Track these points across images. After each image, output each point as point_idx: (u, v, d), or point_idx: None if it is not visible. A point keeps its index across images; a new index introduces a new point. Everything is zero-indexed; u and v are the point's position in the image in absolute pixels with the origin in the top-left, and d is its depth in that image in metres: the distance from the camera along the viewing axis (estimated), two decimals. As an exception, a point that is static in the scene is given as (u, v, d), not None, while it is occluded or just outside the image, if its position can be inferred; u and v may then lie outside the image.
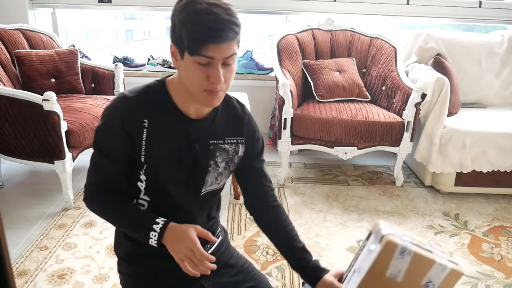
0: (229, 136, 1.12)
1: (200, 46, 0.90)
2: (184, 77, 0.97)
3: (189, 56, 0.92)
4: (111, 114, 1.02)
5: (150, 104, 1.02)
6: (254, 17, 3.82)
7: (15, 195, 2.53)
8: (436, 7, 3.35)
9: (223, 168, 1.14)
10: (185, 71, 0.96)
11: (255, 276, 1.22)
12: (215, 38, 0.90)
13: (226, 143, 1.12)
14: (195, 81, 0.95)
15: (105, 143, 1.04)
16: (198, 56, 0.91)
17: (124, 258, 1.19)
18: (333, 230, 2.27)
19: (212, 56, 0.92)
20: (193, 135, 1.06)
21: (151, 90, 1.03)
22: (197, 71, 0.93)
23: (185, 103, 1.03)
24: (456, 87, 2.81)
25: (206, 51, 0.91)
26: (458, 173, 2.62)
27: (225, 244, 1.27)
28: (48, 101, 2.14)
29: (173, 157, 1.05)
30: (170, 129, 1.03)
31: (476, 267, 2.01)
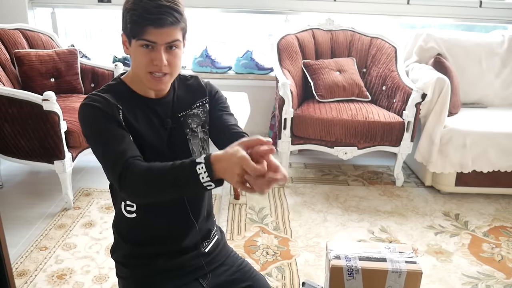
0: (194, 102, 1.16)
1: (141, 29, 0.97)
2: (133, 63, 1.05)
3: (134, 41, 1.00)
4: (89, 108, 1.03)
5: (117, 96, 1.06)
6: (254, 17, 3.81)
7: (15, 195, 2.52)
8: (436, 7, 3.34)
9: (201, 132, 1.16)
10: (133, 57, 1.04)
11: (253, 276, 1.23)
12: (154, 22, 0.97)
13: (193, 109, 1.16)
14: (140, 64, 1.02)
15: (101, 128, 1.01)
16: (141, 40, 0.99)
17: (122, 262, 1.19)
18: (333, 230, 2.26)
19: (154, 40, 0.99)
20: (161, 112, 1.11)
21: (112, 86, 1.10)
22: (142, 55, 1.01)
23: (144, 89, 1.09)
24: (457, 87, 2.81)
25: (147, 34, 0.98)
26: (458, 173, 2.62)
27: (221, 243, 1.27)
28: (47, 101, 2.13)
29: (152, 134, 1.08)
30: (140, 111, 1.08)
31: (477, 267, 2.00)
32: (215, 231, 1.27)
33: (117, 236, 1.20)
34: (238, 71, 3.32)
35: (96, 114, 1.02)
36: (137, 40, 1.00)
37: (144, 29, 0.97)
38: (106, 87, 1.09)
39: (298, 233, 2.22)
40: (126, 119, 1.04)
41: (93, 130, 1.03)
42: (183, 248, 1.16)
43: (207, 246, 1.21)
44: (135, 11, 0.97)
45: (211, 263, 1.21)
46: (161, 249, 1.15)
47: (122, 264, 1.19)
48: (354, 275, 1.36)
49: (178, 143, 1.13)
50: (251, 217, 2.34)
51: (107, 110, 1.02)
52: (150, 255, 1.15)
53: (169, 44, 1.01)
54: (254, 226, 2.26)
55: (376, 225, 2.32)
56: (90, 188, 2.60)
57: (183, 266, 1.16)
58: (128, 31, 1.01)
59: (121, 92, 1.08)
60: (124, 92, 1.08)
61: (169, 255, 1.15)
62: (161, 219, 1.14)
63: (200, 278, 1.18)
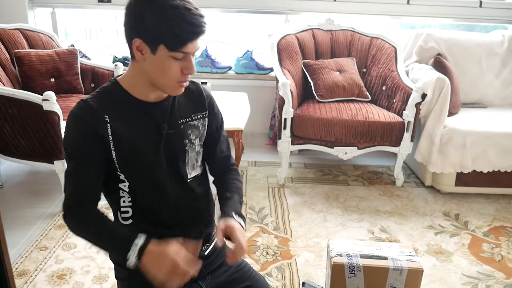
0: (194, 113, 1.15)
1: (184, 43, 0.95)
2: (155, 71, 1.00)
3: (167, 51, 0.95)
4: (75, 119, 1.02)
5: (109, 101, 1.04)
6: (254, 17, 3.81)
7: (15, 195, 2.52)
8: (436, 7, 3.34)
9: (198, 145, 1.16)
10: (157, 66, 0.98)
11: (252, 276, 1.23)
12: (196, 35, 0.96)
13: (194, 120, 1.14)
14: (170, 75, 0.99)
15: (77, 149, 1.03)
16: (178, 53, 0.96)
17: (119, 263, 1.18)
18: (333, 230, 2.26)
19: (189, 51, 0.97)
20: (158, 116, 1.08)
21: (106, 89, 1.07)
22: (173, 65, 0.98)
23: (144, 92, 1.06)
24: (457, 87, 2.81)
25: (186, 48, 0.96)
26: (458, 173, 2.62)
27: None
28: (47, 101, 2.13)
29: (144, 140, 1.06)
30: (133, 117, 1.06)
31: (477, 267, 2.00)
32: (214, 233, 1.27)
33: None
34: (238, 71, 3.32)
35: (78, 129, 1.02)
36: (171, 52, 0.95)
37: (186, 44, 0.95)
38: (100, 91, 1.07)
39: (298, 233, 2.22)
40: (113, 130, 1.02)
41: (68, 146, 1.04)
42: None
43: (206, 249, 1.21)
44: (172, 22, 0.92)
45: (210, 265, 1.21)
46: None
47: (121, 266, 1.19)
48: (356, 272, 1.36)
49: (175, 151, 1.10)
50: (251, 217, 2.34)
51: (90, 123, 1.01)
52: None
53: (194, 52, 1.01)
54: (254, 226, 2.26)
55: (376, 225, 2.32)
56: (90, 188, 2.59)
57: None
58: (158, 40, 0.95)
59: (114, 95, 1.05)
60: (119, 95, 1.05)
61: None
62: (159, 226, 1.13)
63: (199, 280, 1.18)
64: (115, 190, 1.09)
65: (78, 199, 1.03)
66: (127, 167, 1.06)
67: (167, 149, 1.09)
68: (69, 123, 1.03)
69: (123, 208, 1.10)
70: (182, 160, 1.12)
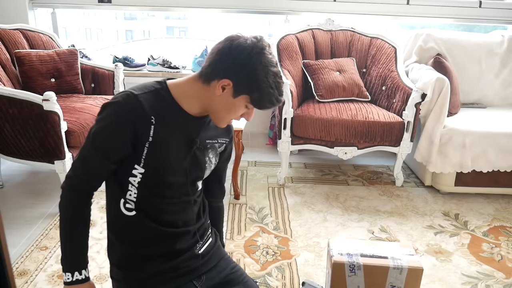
0: (220, 137, 1.22)
1: (267, 107, 1.07)
2: (221, 106, 1.08)
3: (247, 102, 1.07)
4: (121, 117, 1.03)
5: (156, 102, 1.06)
6: (254, 17, 3.81)
7: (15, 195, 2.53)
8: (436, 7, 3.35)
9: (214, 163, 1.23)
10: (227, 105, 1.08)
11: (244, 280, 1.25)
12: (277, 103, 1.08)
13: (217, 143, 1.21)
14: (233, 115, 1.10)
15: (107, 141, 1.05)
16: (253, 107, 1.08)
17: (115, 263, 1.19)
18: (333, 230, 2.27)
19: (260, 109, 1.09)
20: (193, 130, 1.13)
21: (156, 89, 1.09)
22: (239, 110, 1.09)
23: (190, 105, 1.10)
24: (456, 87, 2.81)
25: (262, 108, 1.08)
26: (458, 173, 2.62)
27: (215, 246, 1.28)
28: (48, 101, 2.14)
29: (177, 149, 1.10)
30: (174, 124, 1.09)
31: (476, 267, 2.01)
32: (209, 233, 1.28)
33: (111, 236, 1.20)
34: (238, 71, 3.32)
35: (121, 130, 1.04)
36: (250, 104, 1.07)
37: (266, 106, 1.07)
38: (149, 88, 1.08)
39: (298, 233, 2.22)
40: (156, 131, 1.06)
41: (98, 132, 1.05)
42: (178, 249, 1.17)
43: (201, 248, 1.22)
44: (273, 90, 1.04)
45: (205, 265, 1.22)
46: (156, 250, 1.15)
47: (116, 266, 1.19)
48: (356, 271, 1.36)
49: (197, 166, 1.17)
50: (251, 217, 2.35)
51: (135, 120, 1.03)
52: (144, 257, 1.15)
53: None
54: (254, 226, 2.26)
55: (376, 225, 2.33)
56: (90, 188, 2.60)
57: (177, 268, 1.17)
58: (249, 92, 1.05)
59: (162, 99, 1.08)
60: (165, 100, 1.09)
61: (163, 257, 1.16)
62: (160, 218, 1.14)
63: (194, 280, 1.19)
64: (124, 182, 1.11)
65: (82, 182, 1.10)
66: (151, 166, 1.08)
67: (191, 162, 1.14)
68: (114, 116, 1.04)
69: (129, 199, 1.12)
70: (201, 175, 1.19)
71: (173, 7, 3.35)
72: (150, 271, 1.15)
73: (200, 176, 1.19)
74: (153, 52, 3.36)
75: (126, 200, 1.12)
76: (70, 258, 1.12)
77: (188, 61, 3.40)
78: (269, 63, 1.03)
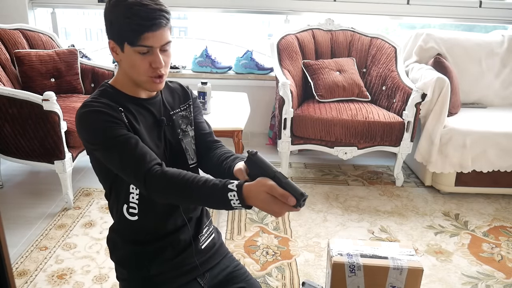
0: (180, 104, 1.22)
1: (139, 36, 0.99)
2: (128, 68, 1.06)
3: (130, 47, 1.01)
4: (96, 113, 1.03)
5: (112, 99, 1.08)
6: (254, 17, 3.81)
7: (15, 195, 2.52)
8: (436, 7, 3.34)
9: (191, 131, 1.21)
10: (127, 62, 1.04)
11: (247, 279, 1.25)
12: (150, 27, 0.99)
13: (182, 110, 1.21)
14: (139, 70, 1.04)
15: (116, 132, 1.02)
16: (138, 47, 1.01)
17: (121, 263, 1.19)
18: (333, 230, 2.26)
19: (151, 45, 1.01)
20: (155, 110, 1.13)
21: (104, 91, 1.11)
22: (140, 60, 1.03)
23: (135, 91, 1.11)
24: (456, 87, 2.81)
25: (144, 40, 1.00)
26: (458, 173, 2.62)
27: (218, 244, 1.28)
28: (48, 101, 2.13)
29: (149, 133, 1.11)
30: (137, 112, 1.10)
31: (476, 267, 2.01)
32: (212, 230, 1.28)
33: (115, 237, 1.20)
34: (238, 71, 3.32)
35: (105, 119, 1.02)
36: (132, 47, 1.01)
37: (141, 36, 0.99)
38: (98, 93, 1.09)
39: (298, 233, 2.22)
40: (128, 121, 1.06)
41: (106, 136, 1.01)
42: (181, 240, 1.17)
43: (204, 242, 1.22)
44: (130, 19, 0.98)
45: (208, 262, 1.23)
46: (160, 245, 1.16)
47: (121, 265, 1.19)
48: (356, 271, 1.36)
49: (172, 142, 1.16)
50: (251, 217, 2.34)
51: (112, 113, 1.03)
52: (149, 256, 1.16)
53: (163, 46, 1.04)
54: (254, 226, 2.26)
55: (376, 225, 2.32)
56: (90, 188, 2.60)
57: (181, 265, 1.17)
58: (122, 39, 1.02)
59: (114, 96, 1.09)
60: (116, 95, 1.09)
61: (168, 254, 1.16)
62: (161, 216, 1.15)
63: (198, 277, 1.19)
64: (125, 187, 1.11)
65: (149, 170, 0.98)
66: None
67: (167, 141, 1.15)
68: (90, 119, 1.03)
69: (132, 203, 1.12)
70: (180, 149, 1.17)
71: (173, 7, 3.35)
72: (155, 269, 1.15)
73: (179, 152, 1.16)
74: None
75: (129, 205, 1.12)
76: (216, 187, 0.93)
77: (188, 61, 3.40)
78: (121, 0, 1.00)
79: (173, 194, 0.98)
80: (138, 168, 0.99)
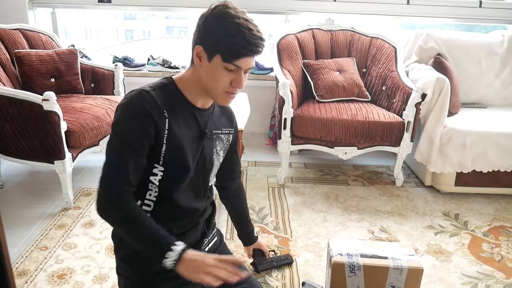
0: (224, 127, 1.24)
1: (238, 57, 1.03)
2: (207, 77, 1.08)
3: (221, 61, 1.04)
4: (139, 110, 1.04)
5: (167, 97, 1.09)
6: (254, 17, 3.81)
7: (15, 195, 2.52)
8: (436, 7, 3.35)
9: (222, 157, 1.24)
10: (209, 73, 1.06)
11: (249, 280, 1.28)
12: (251, 52, 1.04)
13: (222, 133, 1.23)
14: (221, 84, 1.07)
15: (132, 135, 1.04)
16: (230, 65, 1.04)
17: (125, 260, 1.19)
18: (333, 230, 2.26)
19: (241, 66, 1.06)
20: (202, 122, 1.15)
21: (164, 85, 1.11)
22: (224, 75, 1.06)
23: (194, 96, 1.13)
24: (456, 87, 2.81)
25: (239, 62, 1.04)
26: (458, 173, 2.62)
27: (221, 245, 1.30)
28: (48, 101, 2.13)
29: (189, 142, 1.12)
30: (184, 117, 1.11)
31: (476, 267, 2.01)
32: (215, 232, 1.29)
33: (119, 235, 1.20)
34: (238, 71, 3.32)
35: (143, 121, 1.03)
36: (224, 62, 1.04)
37: (240, 58, 1.03)
38: (158, 85, 1.11)
39: (298, 233, 2.22)
40: (170, 125, 1.07)
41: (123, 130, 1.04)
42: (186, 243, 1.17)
43: (207, 245, 1.22)
44: (234, 38, 1.01)
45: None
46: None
47: (125, 262, 1.19)
48: (356, 271, 1.36)
49: (207, 157, 1.19)
50: (251, 217, 2.34)
51: (153, 115, 1.04)
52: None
53: (247, 70, 1.08)
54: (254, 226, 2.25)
55: (376, 225, 2.32)
56: (90, 188, 2.60)
57: None
58: (216, 51, 1.03)
59: (171, 94, 1.10)
60: (173, 94, 1.11)
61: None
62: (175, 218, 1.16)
63: None
64: (144, 182, 1.12)
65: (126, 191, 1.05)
66: (170, 161, 1.10)
67: (203, 154, 1.17)
68: (132, 112, 1.05)
69: (147, 201, 1.13)
70: (210, 167, 1.21)
71: (173, 7, 3.35)
72: (158, 268, 1.15)
73: (209, 169, 1.21)
74: (153, 52, 3.36)
75: (144, 202, 1.13)
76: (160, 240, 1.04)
77: (188, 61, 3.40)
78: (227, 15, 1.02)
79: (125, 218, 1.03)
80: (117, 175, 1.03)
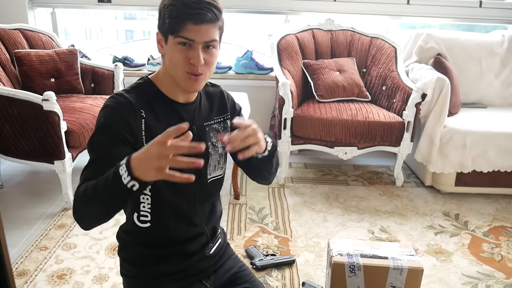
0: (216, 116, 1.16)
1: (180, 25, 0.95)
2: (168, 61, 1.02)
3: (172, 38, 0.97)
4: (114, 115, 1.00)
5: (143, 97, 1.04)
6: (254, 17, 3.81)
7: (15, 195, 2.52)
8: (436, 7, 3.34)
9: (221, 147, 1.16)
10: (168, 55, 1.01)
11: (251, 280, 1.26)
12: (193, 17, 0.94)
13: (215, 123, 1.15)
14: (177, 63, 0.99)
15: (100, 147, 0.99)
16: (179, 37, 0.96)
17: (129, 261, 1.19)
18: (333, 230, 2.26)
19: (192, 38, 0.96)
20: (187, 117, 1.08)
21: (140, 85, 1.07)
22: (179, 53, 0.97)
23: (173, 91, 1.07)
24: (457, 87, 2.81)
25: (185, 31, 0.95)
26: (458, 173, 2.62)
27: (224, 245, 1.29)
28: (47, 101, 2.13)
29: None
30: (165, 115, 1.06)
31: (477, 267, 2.01)
32: (219, 232, 1.28)
33: (126, 237, 1.19)
34: (238, 71, 3.32)
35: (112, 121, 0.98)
36: (174, 37, 0.97)
37: (182, 25, 0.95)
38: (132, 86, 1.06)
39: (298, 233, 2.22)
40: (147, 125, 1.02)
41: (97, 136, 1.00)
42: (190, 251, 1.17)
43: (211, 248, 1.22)
44: (174, 6, 0.95)
45: (215, 265, 1.23)
46: (170, 251, 1.15)
47: (129, 263, 1.19)
48: (356, 271, 1.36)
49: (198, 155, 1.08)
50: (251, 217, 2.34)
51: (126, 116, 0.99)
52: (159, 257, 1.15)
53: (206, 43, 0.98)
54: (254, 226, 2.26)
55: (376, 225, 2.32)
56: (90, 188, 2.59)
57: (188, 268, 1.17)
58: (165, 27, 0.98)
59: (147, 93, 1.06)
60: (151, 93, 1.06)
61: (177, 258, 1.16)
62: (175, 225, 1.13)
63: (204, 279, 1.19)
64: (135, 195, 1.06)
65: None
66: None
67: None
68: (104, 112, 1.01)
69: (143, 211, 1.10)
70: (205, 162, 1.12)
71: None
72: (162, 270, 1.15)
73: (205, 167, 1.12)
74: (153, 52, 3.36)
75: (140, 213, 1.10)
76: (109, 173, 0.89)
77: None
78: None
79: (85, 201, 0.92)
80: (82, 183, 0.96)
